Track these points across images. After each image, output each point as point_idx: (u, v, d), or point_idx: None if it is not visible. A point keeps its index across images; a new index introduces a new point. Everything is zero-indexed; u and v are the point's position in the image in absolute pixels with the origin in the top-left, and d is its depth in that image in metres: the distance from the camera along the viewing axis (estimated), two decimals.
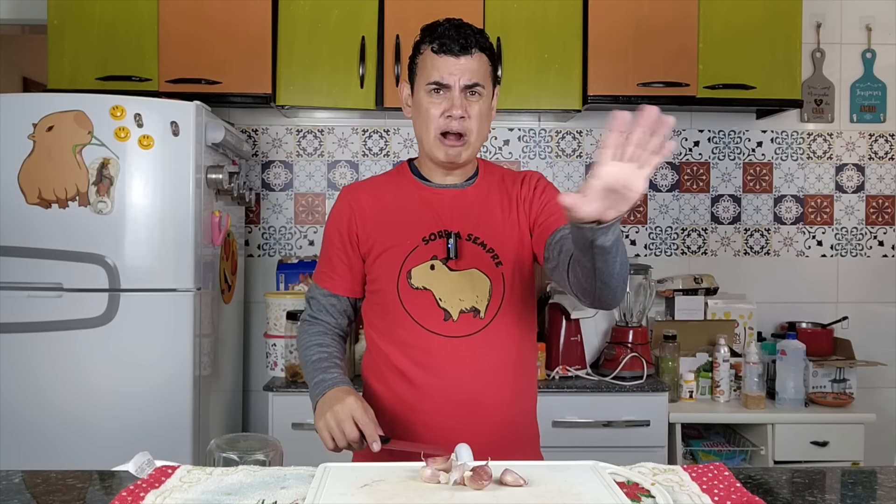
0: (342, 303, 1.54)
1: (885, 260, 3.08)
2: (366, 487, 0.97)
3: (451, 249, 1.44)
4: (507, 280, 1.46)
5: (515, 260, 1.48)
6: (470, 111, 1.44)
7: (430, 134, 1.45)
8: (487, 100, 1.47)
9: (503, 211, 1.50)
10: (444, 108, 1.43)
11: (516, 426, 1.48)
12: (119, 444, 2.17)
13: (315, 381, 1.43)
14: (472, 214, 1.49)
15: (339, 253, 1.52)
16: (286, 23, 2.63)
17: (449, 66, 1.42)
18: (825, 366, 2.74)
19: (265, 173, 3.00)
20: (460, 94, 1.43)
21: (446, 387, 1.42)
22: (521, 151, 3.02)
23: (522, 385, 1.51)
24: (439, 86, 1.43)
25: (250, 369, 2.98)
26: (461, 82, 1.42)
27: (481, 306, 1.45)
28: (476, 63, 1.43)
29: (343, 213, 1.52)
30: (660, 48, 2.67)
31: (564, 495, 0.95)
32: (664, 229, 3.05)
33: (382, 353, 1.48)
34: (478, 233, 1.47)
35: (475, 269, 1.46)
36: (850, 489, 1.14)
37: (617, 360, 2.59)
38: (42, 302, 2.21)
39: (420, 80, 1.47)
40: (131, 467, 1.10)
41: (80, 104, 2.22)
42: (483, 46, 1.45)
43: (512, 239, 1.48)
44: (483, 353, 1.43)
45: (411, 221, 1.48)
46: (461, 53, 1.42)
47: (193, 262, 2.26)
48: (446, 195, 1.50)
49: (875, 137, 3.08)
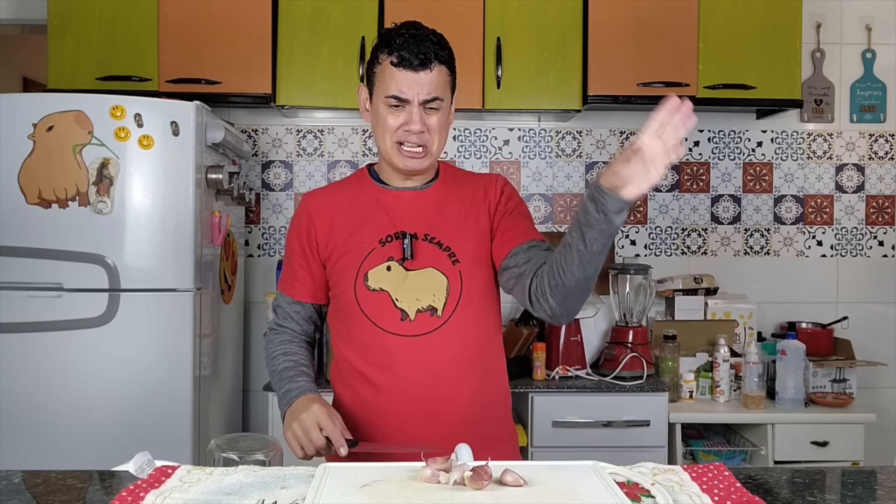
0: (306, 309, 1.55)
1: (885, 260, 3.09)
2: (366, 487, 0.97)
3: (406, 249, 1.44)
4: (465, 277, 1.46)
5: (474, 258, 1.47)
6: (429, 124, 1.43)
7: (388, 142, 1.45)
8: (446, 110, 1.46)
9: (462, 210, 1.50)
10: (403, 120, 1.42)
11: (481, 423, 1.46)
12: (119, 444, 2.17)
13: (282, 392, 1.46)
14: (428, 215, 1.49)
15: (300, 260, 1.52)
16: (286, 23, 2.63)
17: (408, 80, 1.40)
18: (825, 366, 2.74)
19: (265, 173, 3.00)
20: (419, 108, 1.41)
21: (404, 385, 1.42)
22: (521, 151, 3.02)
23: (485, 381, 1.49)
24: (398, 100, 1.42)
25: (250, 369, 2.98)
26: (420, 97, 1.41)
27: (438, 304, 1.44)
28: (436, 76, 1.42)
29: (302, 220, 1.53)
30: (660, 48, 2.67)
31: (564, 495, 0.95)
32: (664, 229, 3.05)
33: (344, 358, 1.49)
34: (434, 232, 1.47)
35: (431, 268, 1.45)
36: (850, 489, 1.14)
37: (617, 360, 2.59)
38: (42, 302, 2.21)
39: (378, 91, 1.45)
40: (131, 467, 1.10)
41: (80, 104, 2.22)
42: (442, 59, 1.43)
43: (470, 238, 1.48)
44: (440, 351, 1.43)
45: (368, 225, 1.48)
46: (420, 68, 1.40)
47: (193, 262, 2.26)
48: (404, 197, 1.51)
49: (875, 137, 3.08)
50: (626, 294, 2.75)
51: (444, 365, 1.43)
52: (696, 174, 3.05)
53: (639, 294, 2.74)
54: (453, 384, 1.43)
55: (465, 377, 1.45)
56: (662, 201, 3.05)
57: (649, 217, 3.05)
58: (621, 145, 3.03)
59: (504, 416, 1.56)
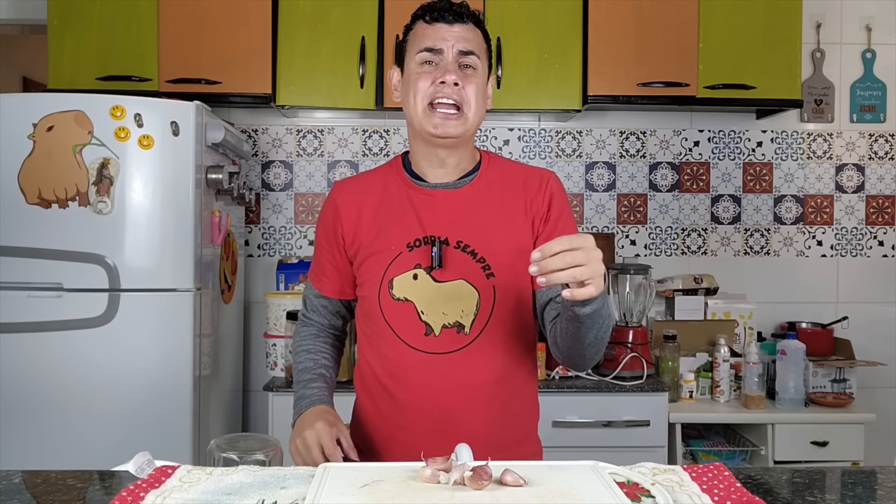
0: (333, 304, 1.48)
1: (885, 260, 3.08)
2: (366, 487, 0.97)
3: (434, 258, 1.32)
4: (499, 294, 1.33)
5: (510, 272, 1.34)
6: (464, 83, 1.32)
7: (419, 106, 1.33)
8: (483, 80, 1.37)
9: (502, 214, 1.37)
10: (436, 76, 1.32)
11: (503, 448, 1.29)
12: (119, 444, 2.17)
13: (297, 397, 1.40)
14: (462, 218, 1.36)
15: (327, 254, 1.45)
16: (286, 23, 2.63)
17: (441, 31, 1.33)
18: (825, 366, 2.74)
19: (265, 173, 3.00)
20: (454, 60, 1.32)
21: (420, 403, 1.34)
22: (521, 151, 3.02)
23: (510, 404, 1.38)
24: (431, 51, 1.33)
25: (250, 369, 2.98)
26: (455, 48, 1.32)
27: (466, 321, 1.33)
28: (471, 33, 1.34)
29: (329, 213, 1.44)
30: (660, 48, 2.67)
31: (564, 495, 0.95)
32: (664, 229, 3.05)
33: (367, 363, 1.42)
34: (468, 239, 1.34)
35: (462, 281, 1.33)
36: (850, 489, 1.14)
37: (617, 360, 2.59)
38: (42, 302, 2.21)
39: (410, 53, 1.36)
40: (131, 467, 1.10)
41: (80, 104, 2.22)
42: (477, 21, 1.37)
43: (508, 248, 1.35)
44: (463, 372, 1.33)
45: (396, 226, 1.37)
46: (455, 21, 1.33)
47: (193, 262, 2.26)
48: (436, 196, 1.38)
49: (875, 137, 3.08)
50: (626, 294, 2.75)
51: (466, 387, 1.33)
52: (696, 174, 3.05)
53: (639, 294, 2.74)
54: (473, 408, 1.34)
55: (488, 401, 1.35)
56: (662, 201, 3.05)
57: (649, 217, 3.05)
58: (621, 145, 3.03)
59: (527, 435, 1.45)
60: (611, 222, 3.04)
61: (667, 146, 3.04)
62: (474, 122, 1.36)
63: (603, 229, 3.04)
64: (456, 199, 1.38)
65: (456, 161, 1.39)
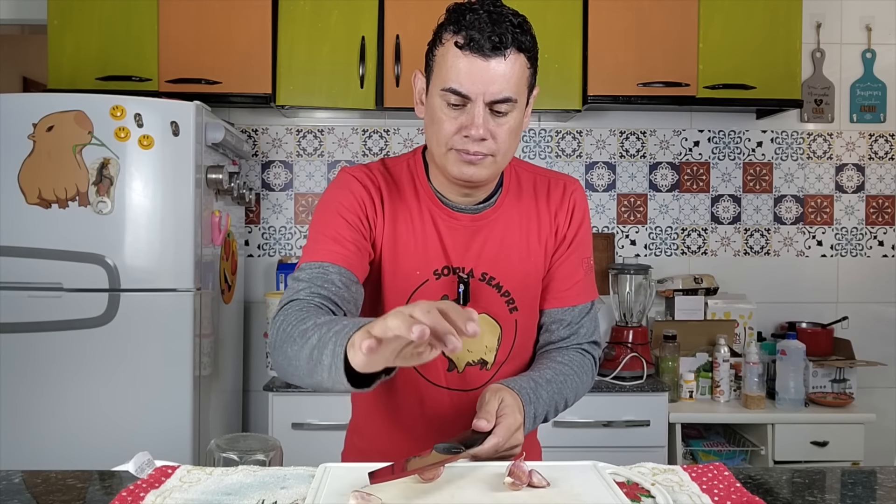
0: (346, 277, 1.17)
1: (885, 260, 3.09)
2: (366, 488, 0.97)
3: (461, 295, 1.24)
4: (520, 327, 1.29)
5: (531, 303, 1.29)
6: (495, 131, 1.15)
7: (441, 147, 1.18)
8: (519, 112, 1.19)
9: (526, 237, 1.29)
10: (462, 123, 1.15)
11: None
12: (119, 443, 2.17)
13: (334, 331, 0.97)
14: (488, 247, 1.26)
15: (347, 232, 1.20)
16: (286, 23, 2.63)
17: (473, 71, 1.12)
18: (825, 366, 2.74)
19: (265, 173, 3.00)
20: (484, 108, 1.14)
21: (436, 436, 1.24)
22: (521, 151, 3.02)
23: None
24: (458, 96, 1.13)
25: (250, 369, 2.98)
26: (486, 97, 1.13)
27: (489, 357, 1.28)
28: (510, 68, 1.14)
29: (365, 199, 1.24)
30: (660, 48, 2.67)
31: (564, 495, 0.95)
32: (664, 229, 3.05)
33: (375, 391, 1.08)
34: (493, 271, 1.26)
35: (486, 315, 1.27)
36: (850, 489, 1.14)
37: (617, 360, 2.59)
38: (42, 302, 2.21)
39: (436, 80, 1.16)
40: (131, 467, 1.10)
41: (80, 104, 2.22)
42: (522, 45, 1.16)
43: (531, 277, 1.29)
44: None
45: (422, 248, 1.25)
46: (492, 54, 1.12)
47: (193, 262, 2.26)
48: (462, 221, 1.26)
49: (875, 137, 3.08)
50: (626, 294, 2.75)
51: None
52: (696, 174, 3.05)
53: (639, 294, 2.74)
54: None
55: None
56: (662, 201, 3.05)
57: (649, 217, 3.05)
58: (621, 145, 3.03)
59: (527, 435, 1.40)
60: (611, 222, 3.04)
61: (667, 146, 3.04)
62: (503, 162, 1.21)
63: (603, 229, 3.04)
64: (481, 227, 1.28)
65: (482, 193, 1.28)
